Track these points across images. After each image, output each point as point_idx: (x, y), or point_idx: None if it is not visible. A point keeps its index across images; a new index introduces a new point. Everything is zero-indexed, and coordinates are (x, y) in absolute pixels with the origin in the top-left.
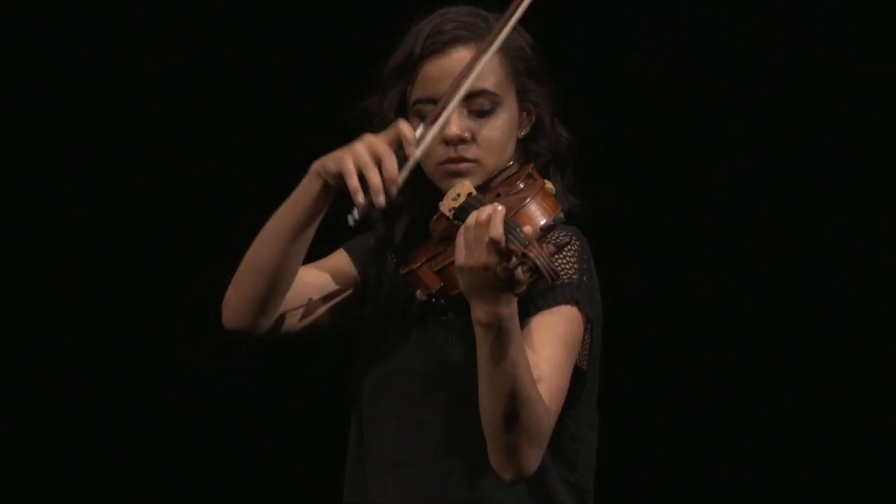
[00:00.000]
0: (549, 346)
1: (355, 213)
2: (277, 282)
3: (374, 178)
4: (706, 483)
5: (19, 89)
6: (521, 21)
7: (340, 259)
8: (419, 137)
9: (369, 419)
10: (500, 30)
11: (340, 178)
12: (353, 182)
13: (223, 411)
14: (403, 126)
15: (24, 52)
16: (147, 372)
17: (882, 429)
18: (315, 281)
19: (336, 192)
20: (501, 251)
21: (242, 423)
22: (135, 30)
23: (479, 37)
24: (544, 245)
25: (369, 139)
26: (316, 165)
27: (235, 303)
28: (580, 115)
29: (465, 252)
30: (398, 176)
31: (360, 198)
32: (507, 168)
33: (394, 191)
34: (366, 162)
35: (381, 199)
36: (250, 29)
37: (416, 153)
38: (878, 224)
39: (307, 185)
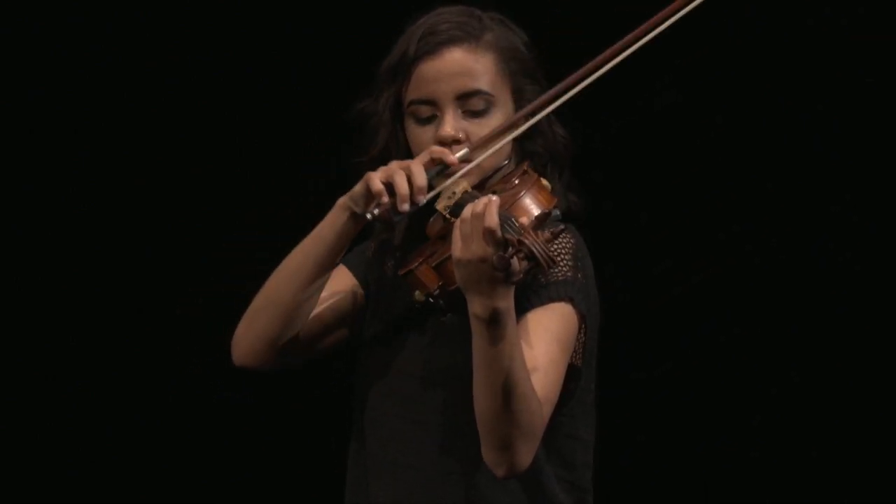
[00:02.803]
0: (543, 342)
1: (375, 210)
2: (295, 318)
3: (403, 183)
4: (707, 482)
5: (19, 89)
6: (516, 20)
7: (342, 276)
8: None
9: (371, 421)
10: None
11: (368, 195)
12: (378, 185)
13: (225, 412)
14: (436, 148)
15: (24, 52)
16: (147, 372)
17: (882, 429)
18: (320, 307)
19: (361, 222)
20: (497, 241)
21: (244, 425)
22: (135, 30)
23: (472, 36)
24: (539, 232)
25: (397, 161)
26: (341, 199)
27: (249, 340)
28: (576, 113)
29: (462, 245)
30: (426, 184)
31: (384, 198)
32: (502, 167)
33: (421, 200)
34: (394, 170)
35: (405, 206)
36: (250, 29)
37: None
38: (878, 226)
39: (333, 219)
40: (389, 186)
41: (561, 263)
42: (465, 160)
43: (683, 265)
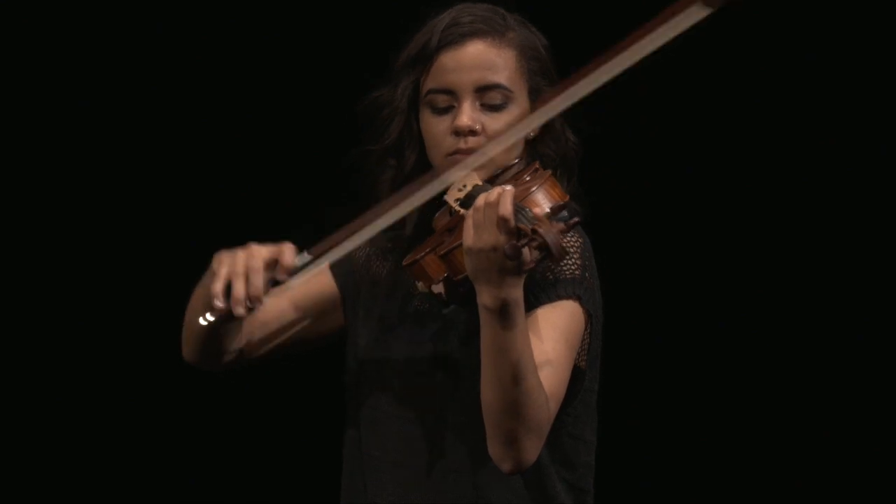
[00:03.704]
0: (551, 339)
1: (208, 315)
2: (219, 339)
3: (239, 289)
4: (707, 483)
5: (19, 89)
6: (534, 23)
7: (319, 279)
8: (304, 264)
9: (367, 419)
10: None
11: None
12: (217, 287)
13: (222, 412)
14: (286, 250)
15: (24, 52)
16: (146, 372)
17: (882, 429)
18: (282, 305)
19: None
20: (511, 230)
21: (241, 424)
22: (135, 29)
23: (496, 31)
24: (553, 223)
25: (254, 249)
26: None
27: (188, 349)
28: (586, 115)
29: (474, 233)
30: (262, 294)
31: (217, 303)
32: (512, 166)
33: (256, 306)
34: (237, 272)
35: (239, 310)
36: (251, 29)
37: (291, 281)
38: (879, 225)
39: (207, 274)
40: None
41: (572, 258)
42: (298, 268)
43: (683, 266)
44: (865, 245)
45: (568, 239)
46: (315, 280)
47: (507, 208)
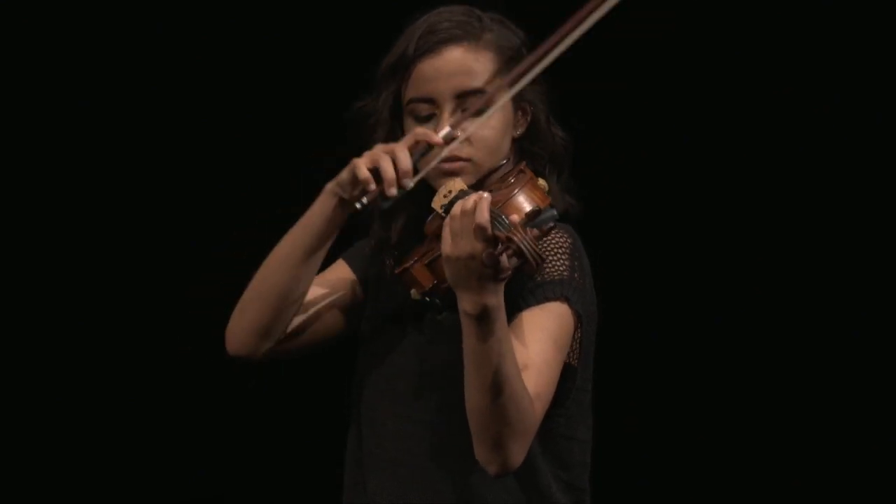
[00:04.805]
0: (538, 342)
1: (364, 199)
2: (286, 307)
3: (388, 168)
4: (704, 481)
5: (19, 89)
6: (516, 22)
7: (340, 270)
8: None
9: (368, 419)
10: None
11: (354, 182)
12: (364, 173)
13: (223, 412)
14: (427, 131)
15: (24, 52)
16: (147, 372)
17: (881, 428)
18: (316, 297)
19: (350, 210)
20: (487, 237)
21: (243, 424)
22: (135, 29)
23: (472, 35)
24: (528, 230)
25: (381, 144)
26: (329, 185)
27: (241, 330)
28: (576, 113)
29: (452, 242)
30: (412, 170)
31: (371, 185)
32: (501, 167)
33: (408, 184)
34: (380, 156)
35: (392, 191)
36: (251, 29)
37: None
38: (878, 224)
39: (321, 206)
40: (376, 172)
41: (560, 258)
42: (449, 139)
43: (679, 262)
44: (862, 243)
45: (557, 239)
46: (337, 272)
47: (483, 216)
